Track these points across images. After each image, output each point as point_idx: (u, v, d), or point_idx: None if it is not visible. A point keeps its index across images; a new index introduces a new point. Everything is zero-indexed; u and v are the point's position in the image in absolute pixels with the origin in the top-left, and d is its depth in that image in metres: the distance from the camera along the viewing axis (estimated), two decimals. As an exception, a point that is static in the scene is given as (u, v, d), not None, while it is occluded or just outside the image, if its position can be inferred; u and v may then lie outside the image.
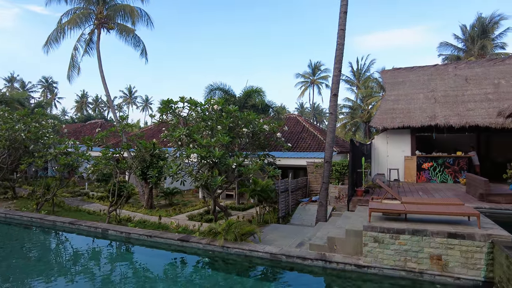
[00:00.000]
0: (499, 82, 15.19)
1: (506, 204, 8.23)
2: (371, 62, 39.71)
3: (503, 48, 30.84)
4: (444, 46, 33.28)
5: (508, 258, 4.71)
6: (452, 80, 16.42)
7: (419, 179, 14.12)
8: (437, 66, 17.99)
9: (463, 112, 13.94)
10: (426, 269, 5.83)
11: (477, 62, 17.51)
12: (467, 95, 15.01)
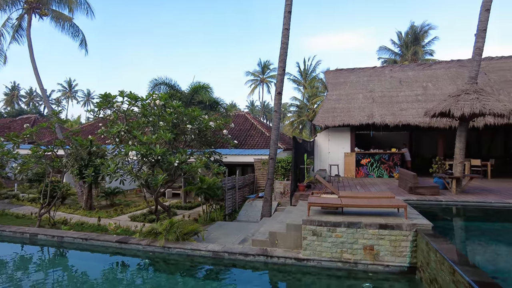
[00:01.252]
0: (427, 85, 16.67)
1: (430, 195, 9.06)
2: (317, 63, 41.26)
3: (431, 54, 33.96)
4: (383, 50, 35.73)
5: (428, 244, 5.17)
6: (388, 82, 17.66)
7: (357, 174, 14.99)
8: (376, 68, 19.23)
9: (397, 111, 15.05)
10: (360, 259, 6.17)
11: (410, 66, 19.04)
12: (400, 96, 16.25)
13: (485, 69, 16.75)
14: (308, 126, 41.15)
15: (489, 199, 8.50)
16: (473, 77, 9.96)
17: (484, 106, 8.97)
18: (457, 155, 9.87)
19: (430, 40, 33.56)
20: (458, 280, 3.87)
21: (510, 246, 5.93)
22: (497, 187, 10.93)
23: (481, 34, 9.88)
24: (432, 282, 4.93)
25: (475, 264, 4.33)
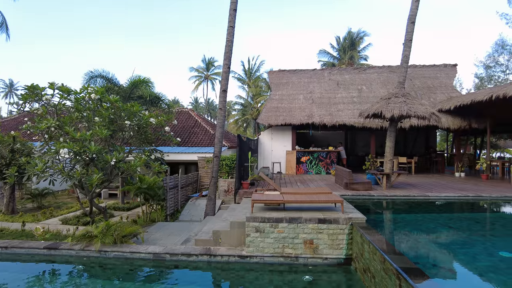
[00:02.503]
0: (362, 88, 17.91)
1: (364, 191, 9.77)
2: (261, 63, 41.99)
3: (365, 59, 36.56)
4: (322, 53, 37.53)
5: (362, 236, 5.57)
6: (327, 83, 18.61)
7: (298, 171, 15.59)
8: (316, 70, 20.13)
9: (334, 112, 15.93)
10: (301, 253, 6.42)
11: (346, 69, 20.26)
12: (338, 97, 17.23)
13: (410, 75, 18.53)
14: (252, 125, 41.68)
15: (413, 193, 9.44)
16: (401, 82, 10.94)
17: (410, 109, 9.90)
18: (387, 153, 10.76)
19: (365, 46, 36.17)
20: (388, 268, 4.23)
21: (428, 234, 6.64)
22: (419, 182, 12.17)
23: (408, 43, 10.88)
24: (366, 271, 5.32)
25: (401, 252, 4.77)
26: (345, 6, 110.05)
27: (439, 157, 17.32)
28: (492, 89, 12.42)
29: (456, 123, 14.11)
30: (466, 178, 13.65)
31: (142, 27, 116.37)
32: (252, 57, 50.32)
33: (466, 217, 8.34)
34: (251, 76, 41.82)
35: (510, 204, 9.19)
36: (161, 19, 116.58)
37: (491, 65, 25.68)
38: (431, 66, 19.38)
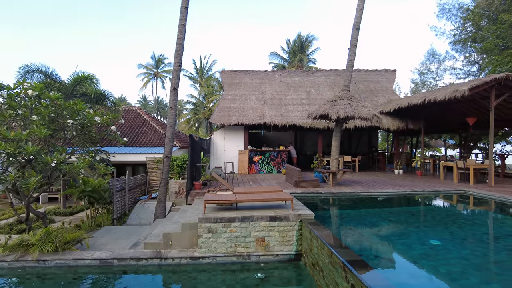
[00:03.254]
0: (310, 90, 18.62)
1: (312, 188, 10.19)
2: (213, 62, 41.63)
3: (314, 63, 38.02)
4: (273, 55, 38.26)
5: (311, 232, 5.82)
6: (278, 85, 19.05)
7: (250, 170, 15.77)
8: (267, 72, 20.50)
9: (285, 113, 16.36)
10: (253, 251, 6.52)
11: (296, 72, 20.91)
12: (288, 99, 17.72)
13: (355, 79, 19.66)
14: (205, 124, 41.21)
15: (357, 190, 10.06)
16: (346, 85, 11.58)
17: (354, 111, 10.53)
18: (333, 152, 11.32)
19: (314, 50, 37.60)
20: (335, 261, 4.48)
21: (371, 227, 7.13)
22: (362, 179, 12.99)
23: (353, 49, 11.55)
24: (315, 266, 5.57)
25: (347, 245, 5.07)
26: (296, 10, 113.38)
27: (381, 155, 18.63)
28: (425, 94, 13.67)
29: (395, 124, 15.28)
30: (404, 175, 14.85)
31: (87, 20, 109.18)
32: (204, 56, 49.61)
33: (403, 210, 9.08)
34: (203, 75, 41.33)
35: (439, 197, 10.20)
36: (108, 15, 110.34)
37: (424, 72, 28.21)
38: (374, 71, 20.75)
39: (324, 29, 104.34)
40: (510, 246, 5.82)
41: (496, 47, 15.98)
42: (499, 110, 13.11)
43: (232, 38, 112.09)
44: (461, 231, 6.87)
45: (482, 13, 17.92)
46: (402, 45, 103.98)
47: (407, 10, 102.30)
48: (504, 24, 15.22)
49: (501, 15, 15.74)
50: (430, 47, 47.47)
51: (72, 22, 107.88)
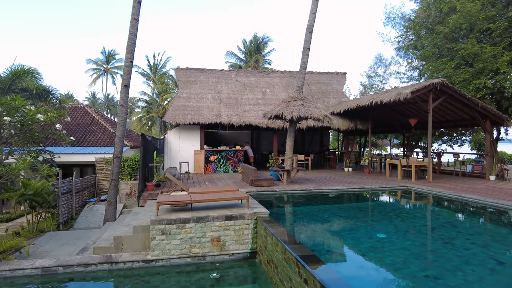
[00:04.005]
0: (266, 90, 18.88)
1: (267, 186, 10.36)
2: (168, 59, 40.50)
3: (269, 64, 38.59)
4: (230, 55, 38.18)
5: (266, 230, 5.92)
6: (234, 85, 19.07)
7: (206, 170, 15.61)
8: (223, 71, 20.42)
9: (241, 113, 16.43)
10: (208, 251, 6.48)
11: (252, 72, 21.08)
12: (244, 98, 17.81)
13: (308, 80, 20.30)
14: (158, 123, 39.96)
15: (310, 187, 10.42)
16: (300, 86, 11.91)
17: (307, 111, 10.87)
18: (287, 151, 11.60)
19: (269, 51, 38.15)
20: (288, 257, 4.60)
21: (323, 223, 7.43)
22: (315, 177, 13.47)
23: (306, 51, 11.92)
24: (269, 263, 5.67)
25: (301, 241, 5.23)
26: (252, 11, 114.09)
27: (332, 154, 19.45)
28: (372, 96, 14.52)
29: (345, 124, 16.04)
30: (353, 172, 15.65)
31: (28, 7, 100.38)
32: (158, 53, 48.04)
33: (353, 206, 9.58)
34: (156, 72, 40.04)
35: (385, 193, 10.91)
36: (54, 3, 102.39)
37: (372, 75, 29.95)
38: (326, 73, 21.59)
39: (279, 31, 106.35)
40: (444, 236, 6.40)
41: (433, 55, 17.43)
42: (436, 112, 14.33)
43: (188, 36, 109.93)
44: (404, 224, 7.41)
45: (421, 23, 19.44)
46: (353, 49, 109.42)
47: (359, 16, 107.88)
48: (440, 35, 16.66)
49: (437, 26, 17.21)
50: (378, 52, 50.48)
51: (10, 9, 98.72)
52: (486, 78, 13.94)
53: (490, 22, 14.74)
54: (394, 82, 33.44)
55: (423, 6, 19.64)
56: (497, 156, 13.33)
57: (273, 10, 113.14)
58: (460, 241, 6.03)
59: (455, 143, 23.23)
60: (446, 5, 16.95)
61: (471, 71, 14.39)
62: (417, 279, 4.37)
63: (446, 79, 12.52)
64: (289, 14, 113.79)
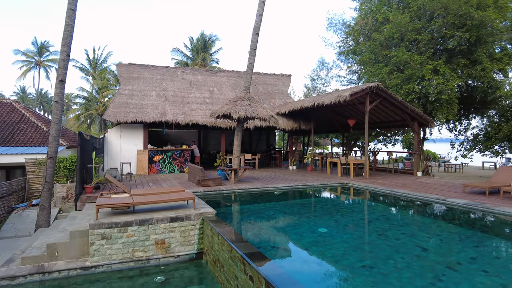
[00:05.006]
0: (213, 89, 18.78)
1: (215, 186, 10.34)
2: (109, 54, 38.31)
3: (217, 62, 38.43)
4: (176, 52, 37.25)
5: (212, 229, 5.92)
6: (180, 82, 18.66)
7: (150, 171, 15.07)
8: (169, 68, 19.85)
9: (188, 111, 16.14)
10: (152, 254, 6.29)
11: (199, 70, 20.81)
12: (191, 97, 17.52)
13: (255, 81, 20.61)
14: (98, 121, 37.58)
15: (256, 186, 10.62)
16: (247, 87, 12.06)
17: (254, 112, 11.06)
18: (235, 150, 11.68)
19: (217, 50, 37.95)
20: (234, 256, 4.66)
21: (268, 220, 7.63)
22: (261, 175, 13.74)
23: (252, 52, 12.10)
24: (216, 262, 5.68)
25: (247, 239, 5.33)
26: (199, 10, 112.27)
27: (277, 153, 19.98)
28: (315, 98, 15.22)
29: (290, 124, 16.59)
30: (297, 170, 16.26)
31: None
32: (98, 47, 45.08)
33: (296, 203, 9.96)
34: (96, 67, 37.60)
35: (326, 189, 11.52)
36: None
37: (315, 78, 31.33)
38: (272, 75, 22.09)
39: (227, 31, 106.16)
40: (378, 228, 6.96)
41: (370, 60, 18.78)
42: (372, 114, 15.47)
43: (131, 31, 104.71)
44: (343, 218, 7.90)
45: (360, 30, 20.82)
46: (298, 52, 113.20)
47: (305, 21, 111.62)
48: (376, 42, 18.00)
49: (373, 34, 18.59)
50: (321, 56, 52.94)
51: None
52: (414, 84, 15.38)
53: (417, 34, 16.29)
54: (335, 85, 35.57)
55: (362, 15, 21.05)
56: (423, 154, 14.80)
57: (221, 10, 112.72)
58: (392, 232, 6.61)
59: (389, 142, 25.26)
60: (381, 15, 18.36)
61: (402, 76, 15.77)
62: (355, 270, 4.71)
63: (381, 83, 13.60)
64: (237, 14, 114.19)
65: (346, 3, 72.42)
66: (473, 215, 7.78)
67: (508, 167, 10.86)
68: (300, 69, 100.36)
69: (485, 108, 18.00)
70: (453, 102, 14.80)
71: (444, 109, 14.95)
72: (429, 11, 16.39)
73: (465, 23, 14.72)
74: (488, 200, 8.26)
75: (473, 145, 19.06)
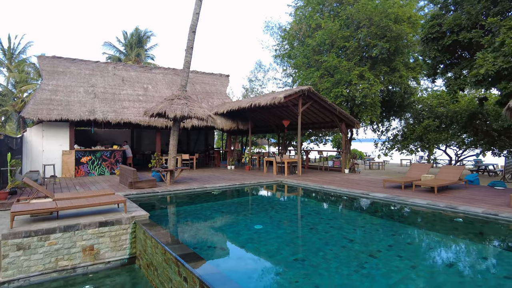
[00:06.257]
0: (148, 87, 18.05)
1: (149, 188, 9.97)
2: (28, 44, 34.37)
3: (152, 59, 36.99)
4: (108, 46, 34.96)
5: (145, 233, 5.72)
6: (111, 78, 17.56)
7: (77, 173, 13.95)
8: (99, 63, 18.56)
9: (119, 109, 15.27)
10: (79, 262, 5.87)
11: (133, 66, 19.81)
12: (123, 94, 16.61)
13: (192, 80, 20.29)
14: (15, 119, 33.52)
15: (193, 186, 10.50)
16: (183, 85, 11.84)
17: (190, 111, 10.90)
18: (171, 151, 11.39)
19: (152, 45, 36.50)
20: (168, 258, 4.58)
21: (206, 221, 7.61)
22: (199, 175, 13.62)
23: (189, 50, 11.91)
24: (149, 266, 5.51)
25: (183, 241, 5.27)
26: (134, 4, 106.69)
27: (216, 153, 19.95)
28: (252, 99, 15.54)
29: (228, 124, 16.69)
30: (235, 170, 16.43)
31: None
32: (15, 35, 40.12)
33: (234, 202, 10.08)
34: (13, 58, 33.46)
35: (262, 187, 11.85)
36: None
37: (253, 79, 31.93)
38: (210, 74, 21.96)
39: (164, 27, 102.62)
40: (310, 223, 7.40)
41: (303, 65, 19.77)
42: (305, 115, 16.31)
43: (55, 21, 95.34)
44: (278, 214, 8.22)
45: (294, 35, 21.79)
46: (237, 53, 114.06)
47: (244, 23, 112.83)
48: (309, 47, 19.02)
49: (307, 39, 19.60)
50: (258, 59, 54.07)
51: None
52: (342, 88, 16.60)
53: (346, 41, 17.60)
54: (272, 87, 36.72)
55: (296, 20, 22.03)
56: (350, 153, 16.05)
57: (157, 6, 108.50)
58: (322, 226, 7.08)
59: (321, 142, 26.86)
60: (314, 22, 19.44)
61: (332, 80, 16.89)
62: (288, 263, 4.96)
63: (313, 87, 14.41)
64: (174, 11, 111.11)
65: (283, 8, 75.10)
66: (391, 207, 8.68)
67: (420, 164, 12.32)
68: (239, 70, 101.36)
69: (403, 111, 20.19)
70: (376, 105, 16.29)
71: (368, 111, 16.38)
72: (356, 20, 17.82)
73: (386, 34, 16.32)
74: (403, 193, 9.28)
75: (393, 144, 21.22)
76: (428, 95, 21.87)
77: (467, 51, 12.86)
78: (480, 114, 17.62)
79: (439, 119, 19.10)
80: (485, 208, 7.25)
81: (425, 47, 13.42)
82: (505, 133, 17.06)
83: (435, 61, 13.28)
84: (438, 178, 10.45)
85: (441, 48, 12.68)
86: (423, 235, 6.54)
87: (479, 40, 11.22)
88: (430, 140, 19.26)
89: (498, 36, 10.14)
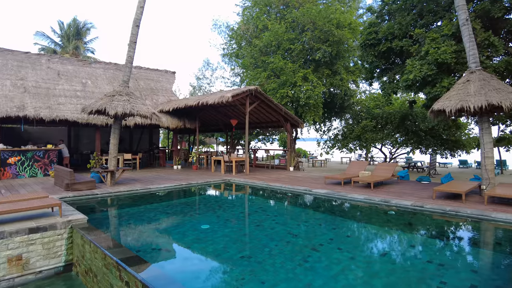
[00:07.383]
0: (87, 82, 16.91)
1: (87, 190, 9.36)
2: None
3: (92, 52, 34.68)
4: (41, 36, 32.01)
5: (83, 237, 5.38)
6: (45, 72, 16.14)
7: (3, 175, 12.57)
8: (30, 54, 16.91)
9: (54, 105, 14.09)
10: (4, 275, 5.32)
11: (70, 60, 18.38)
12: (58, 89, 15.36)
13: (136, 76, 19.43)
14: None
15: (136, 187, 10.09)
16: (125, 81, 11.30)
17: (133, 108, 10.44)
18: (111, 150, 10.81)
19: (92, 38, 34.19)
20: (108, 263, 4.37)
21: (150, 223, 7.35)
22: (143, 176, 13.11)
23: (132, 45, 11.40)
24: (88, 273, 5.19)
25: (125, 245, 5.05)
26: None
27: (161, 152, 19.34)
28: (199, 97, 15.34)
29: (174, 123, 16.28)
30: (182, 169, 16.09)
31: None
32: None
33: (180, 202, 9.89)
34: None
35: (210, 187, 11.79)
36: None
37: (200, 77, 31.47)
38: (155, 70, 21.19)
39: (106, 20, 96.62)
40: (256, 220, 7.54)
41: (251, 65, 20.02)
42: (252, 115, 16.53)
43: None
44: (225, 213, 8.25)
45: (242, 35, 21.96)
46: (184, 50, 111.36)
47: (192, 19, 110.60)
48: (256, 48, 19.31)
49: (254, 40, 19.89)
50: (206, 57, 53.47)
51: None
52: (288, 89, 17.12)
53: (291, 43, 18.18)
54: (220, 85, 36.45)
55: (244, 20, 22.21)
56: (295, 152, 16.63)
57: None
58: (268, 222, 7.26)
59: (268, 141, 27.42)
60: (261, 23, 19.77)
61: (278, 81, 17.34)
62: (234, 261, 5.01)
63: (260, 87, 14.66)
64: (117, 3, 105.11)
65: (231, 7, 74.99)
66: (332, 202, 9.19)
67: (358, 161, 13.21)
68: (186, 67, 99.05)
69: (343, 112, 21.43)
70: (319, 106, 17.09)
71: (311, 112, 17.13)
72: (301, 24, 18.49)
73: (328, 39, 17.18)
74: (343, 189, 9.88)
75: (334, 143, 22.42)
76: (366, 98, 23.55)
77: (399, 58, 14.07)
78: (410, 116, 19.40)
79: (375, 120, 20.65)
80: (413, 201, 8.03)
81: (364, 52, 14.40)
82: (430, 133, 19.00)
83: (372, 65, 14.33)
84: (374, 175, 11.30)
85: (377, 54, 13.71)
86: (361, 228, 7.04)
87: (409, 49, 12.34)
88: (368, 140, 20.73)
89: (424, 46, 11.26)
